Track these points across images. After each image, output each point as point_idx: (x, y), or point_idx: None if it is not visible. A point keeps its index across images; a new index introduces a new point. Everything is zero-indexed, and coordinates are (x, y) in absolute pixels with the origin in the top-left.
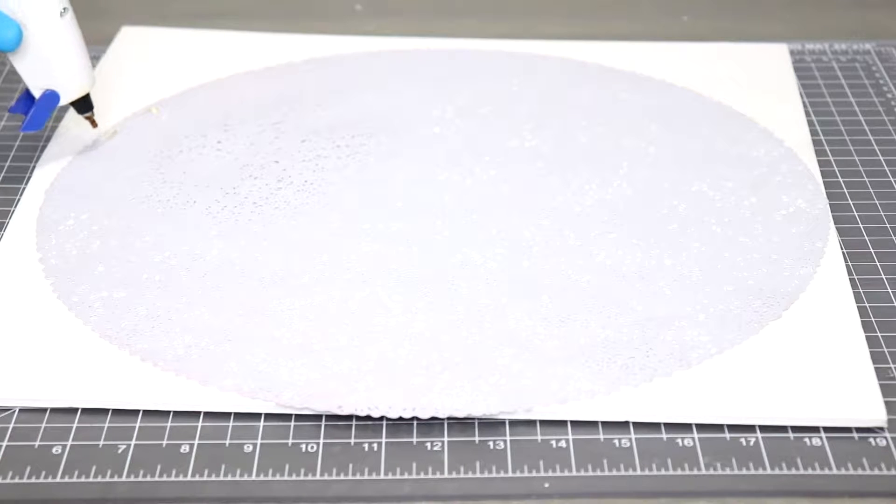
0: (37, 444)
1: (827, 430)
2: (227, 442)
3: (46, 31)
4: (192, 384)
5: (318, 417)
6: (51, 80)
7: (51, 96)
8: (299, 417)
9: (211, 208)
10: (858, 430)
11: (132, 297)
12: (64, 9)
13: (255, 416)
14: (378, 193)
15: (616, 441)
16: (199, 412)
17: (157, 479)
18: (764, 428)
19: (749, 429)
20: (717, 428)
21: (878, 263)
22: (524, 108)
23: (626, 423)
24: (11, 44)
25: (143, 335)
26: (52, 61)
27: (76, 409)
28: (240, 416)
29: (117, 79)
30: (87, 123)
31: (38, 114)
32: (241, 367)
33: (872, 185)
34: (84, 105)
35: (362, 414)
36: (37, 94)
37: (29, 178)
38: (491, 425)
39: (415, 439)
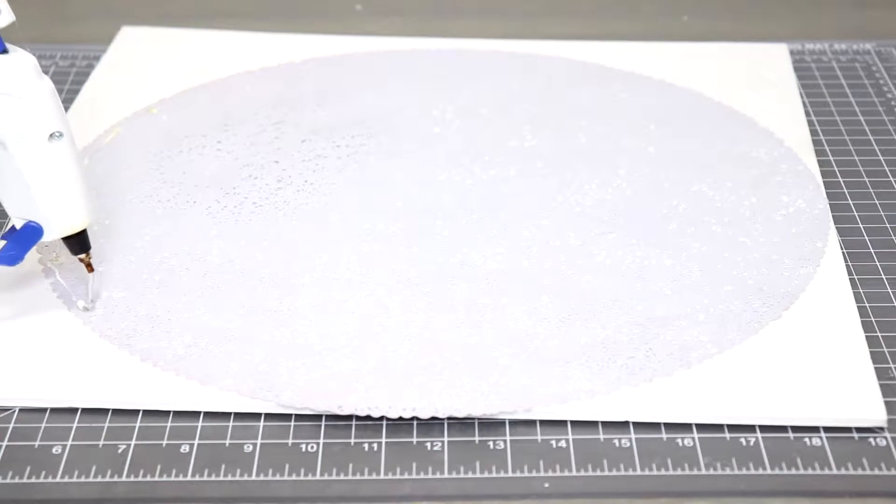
0: (37, 444)
1: (827, 430)
2: (227, 442)
3: (28, 156)
4: (192, 384)
5: (318, 417)
6: (32, 212)
7: (31, 230)
8: (299, 417)
9: (211, 208)
10: (858, 430)
11: (132, 297)
12: (58, 133)
13: (255, 416)
14: (378, 193)
15: (616, 441)
16: (199, 412)
17: (157, 479)
18: (764, 428)
19: (749, 429)
20: (717, 428)
21: (878, 263)
22: (524, 108)
23: (626, 423)
24: None
25: (143, 335)
26: (32, 190)
27: (76, 409)
28: (240, 416)
29: (117, 79)
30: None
31: (12, 247)
32: (241, 367)
33: (872, 185)
34: (77, 244)
35: (362, 414)
36: (18, 224)
37: None
38: (491, 425)
39: (415, 439)
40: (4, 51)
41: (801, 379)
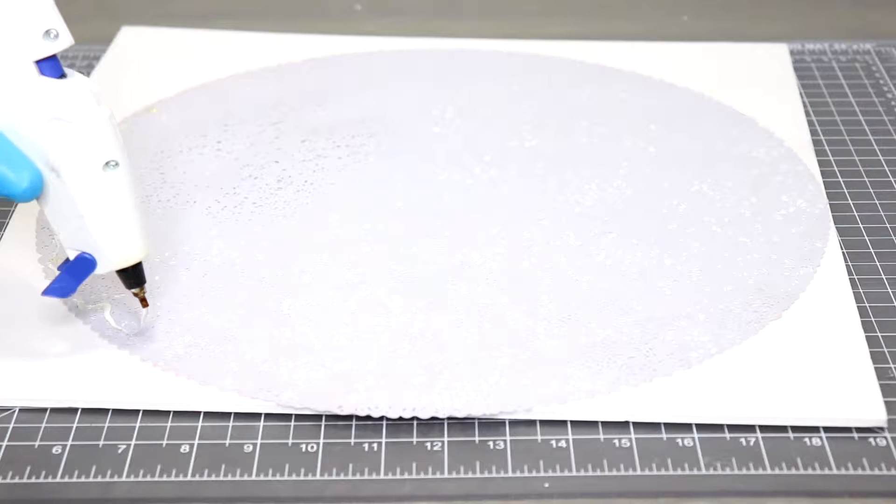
0: (37, 444)
1: (827, 430)
2: (227, 442)
3: (82, 185)
4: (192, 384)
5: (318, 417)
6: (85, 243)
7: (84, 262)
8: (299, 417)
9: (211, 208)
10: (858, 430)
11: (132, 298)
12: (114, 163)
13: (255, 416)
14: (378, 193)
15: (616, 441)
16: (199, 412)
17: (157, 479)
18: (764, 428)
19: (749, 429)
20: (717, 428)
21: (878, 263)
22: (524, 108)
23: (626, 423)
24: (23, 191)
25: (142, 335)
26: (85, 220)
27: (76, 409)
28: (240, 416)
29: (117, 79)
30: None
31: (65, 279)
32: (241, 367)
33: (872, 185)
34: (132, 278)
35: (362, 414)
36: (71, 255)
37: None
38: (491, 425)
39: (415, 439)
40: (62, 75)
41: (801, 379)
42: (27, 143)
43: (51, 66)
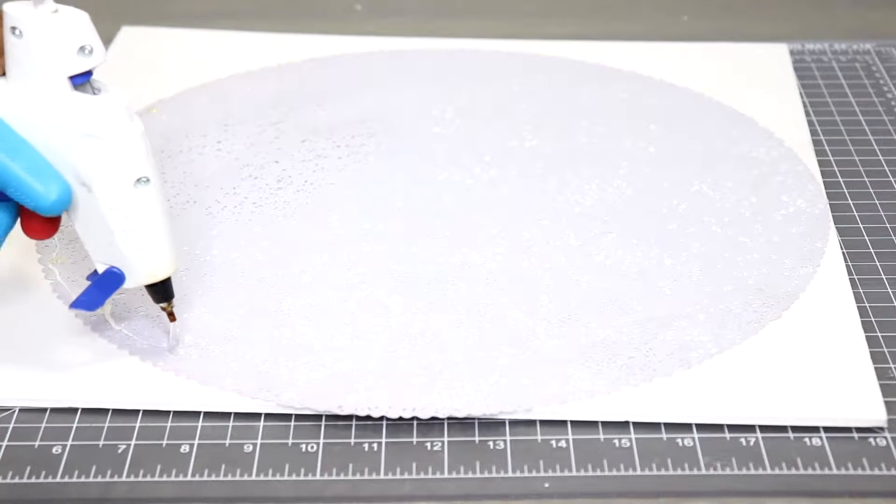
0: (37, 444)
1: (827, 430)
2: (227, 442)
3: (112, 200)
4: (192, 384)
5: (318, 417)
6: (114, 257)
7: (113, 276)
8: (299, 417)
9: (211, 208)
10: (858, 430)
11: (132, 298)
12: (145, 179)
13: (255, 416)
14: (378, 193)
15: (616, 441)
16: (199, 412)
17: (157, 479)
18: (764, 428)
19: (749, 429)
20: (717, 428)
21: (878, 263)
22: (524, 108)
23: (626, 423)
24: (51, 204)
25: (143, 335)
26: (115, 235)
27: (76, 409)
28: (240, 416)
29: (117, 79)
30: None
31: (93, 292)
32: (241, 367)
33: (872, 185)
34: (160, 293)
35: (362, 414)
36: (100, 268)
37: None
38: (491, 425)
39: (415, 439)
40: (95, 89)
41: (801, 379)
42: (59, 158)
43: (84, 81)
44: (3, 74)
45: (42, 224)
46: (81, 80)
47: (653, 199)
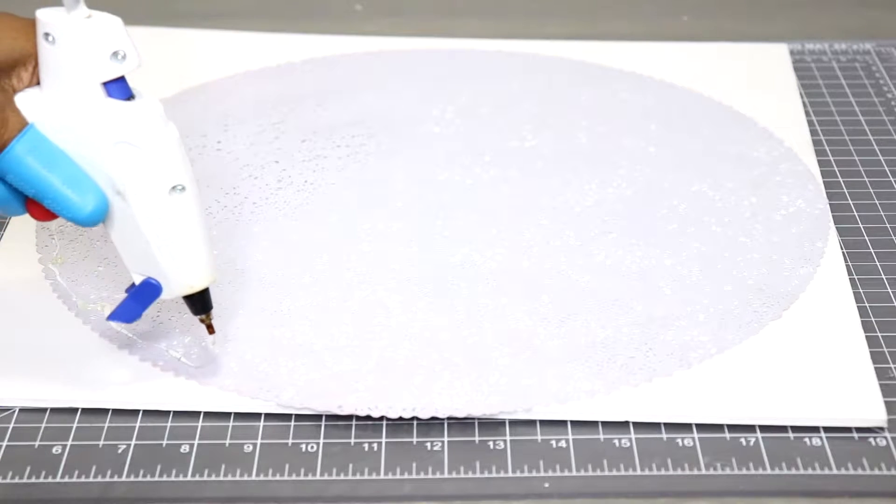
0: (37, 444)
1: (827, 430)
2: (227, 442)
3: (147, 209)
4: (192, 384)
5: (318, 417)
6: (151, 268)
7: (150, 287)
8: (299, 417)
9: (211, 208)
10: (858, 430)
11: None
12: (180, 187)
13: (255, 416)
14: (378, 193)
15: (616, 441)
16: (199, 412)
17: (157, 479)
18: (764, 428)
19: (749, 429)
20: (717, 428)
21: (878, 263)
22: (524, 108)
23: (626, 423)
24: (87, 216)
25: (143, 335)
26: (151, 245)
27: (76, 409)
28: (240, 416)
29: None
30: None
31: (130, 304)
32: (241, 367)
33: (872, 185)
34: (198, 304)
35: (362, 414)
36: (136, 279)
37: None
38: (491, 425)
39: (415, 439)
40: (130, 97)
41: (801, 379)
42: (93, 166)
43: (118, 87)
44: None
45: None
46: (115, 87)
47: (653, 199)
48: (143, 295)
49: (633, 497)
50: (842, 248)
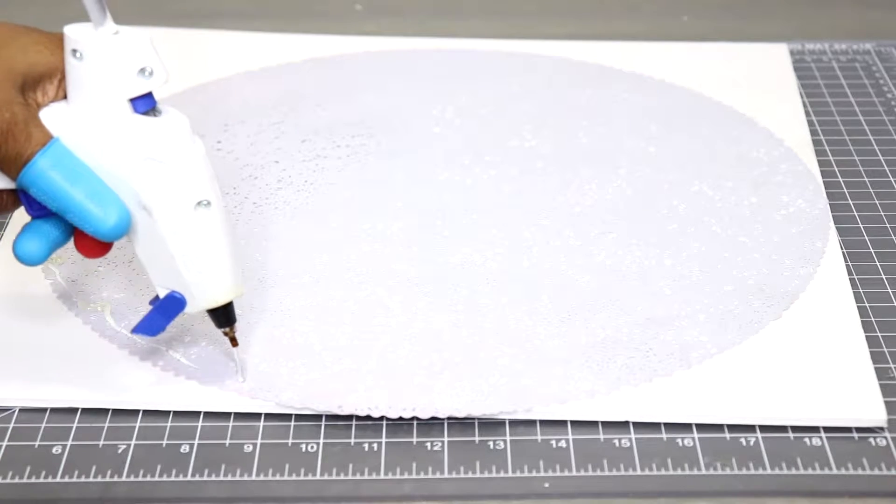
0: (37, 444)
1: (827, 430)
2: (227, 442)
3: (172, 224)
4: (192, 384)
5: (318, 417)
6: (175, 282)
7: (174, 301)
8: (299, 417)
9: None
10: (858, 430)
11: (132, 298)
12: (206, 202)
13: (255, 416)
14: (378, 193)
15: (616, 441)
16: (199, 412)
17: (157, 479)
18: (764, 428)
19: (749, 429)
20: (717, 428)
21: (878, 263)
22: (524, 108)
23: (626, 423)
24: (109, 229)
25: (142, 335)
26: (176, 260)
27: (76, 409)
28: (240, 416)
29: None
30: None
31: (154, 317)
32: (240, 366)
33: (872, 185)
34: (222, 317)
35: (362, 414)
36: (161, 293)
37: None
38: (491, 425)
39: (415, 439)
40: (157, 112)
41: (801, 379)
42: (118, 181)
43: (145, 103)
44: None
45: (95, 242)
46: (142, 103)
47: (653, 199)
48: (167, 308)
49: (633, 497)
50: (842, 248)
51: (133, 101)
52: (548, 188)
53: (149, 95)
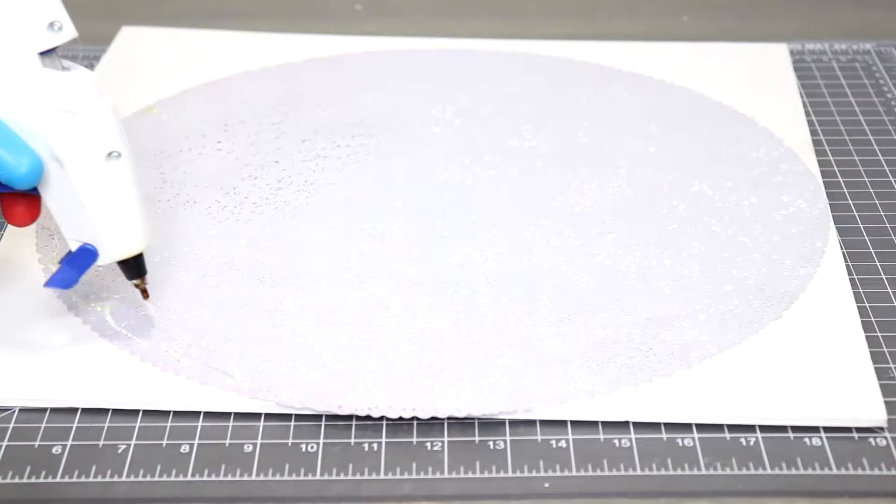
0: (37, 444)
1: (827, 430)
2: (227, 442)
3: (84, 175)
4: (192, 384)
5: (318, 417)
6: (87, 234)
7: (86, 252)
8: (299, 417)
9: (211, 208)
10: (858, 430)
11: (132, 298)
12: (116, 153)
13: (255, 416)
14: (378, 193)
15: (616, 441)
16: (199, 412)
17: (157, 479)
18: (764, 428)
19: (749, 429)
20: (717, 428)
21: (878, 263)
22: (524, 108)
23: (626, 423)
24: (22, 176)
25: (143, 335)
26: (87, 211)
27: (76, 409)
28: (240, 416)
29: (117, 79)
30: None
31: (67, 270)
32: (240, 366)
33: (872, 185)
34: (133, 269)
35: (362, 414)
36: (73, 246)
37: None
38: (491, 425)
39: (415, 439)
40: (64, 68)
41: (801, 379)
42: (30, 134)
43: (53, 58)
44: None
45: (24, 209)
46: (52, 59)
47: (653, 199)
48: (79, 261)
49: (633, 497)
50: (842, 248)
51: (42, 55)
52: (548, 188)
53: (56, 50)
